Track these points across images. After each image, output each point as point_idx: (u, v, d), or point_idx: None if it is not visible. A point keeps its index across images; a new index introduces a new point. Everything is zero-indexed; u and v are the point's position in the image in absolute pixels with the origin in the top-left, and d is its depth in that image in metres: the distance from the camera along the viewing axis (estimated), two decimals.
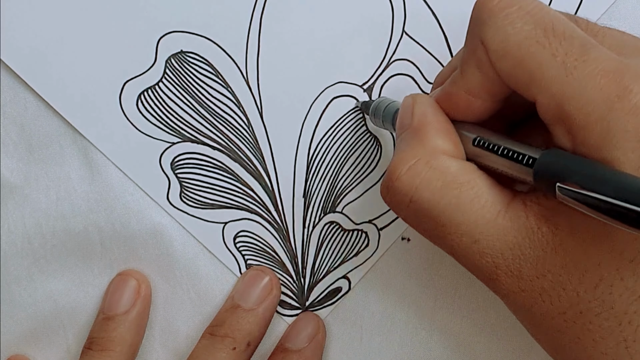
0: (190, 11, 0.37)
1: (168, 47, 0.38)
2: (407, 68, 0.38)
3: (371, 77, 0.38)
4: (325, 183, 0.38)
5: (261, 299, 0.37)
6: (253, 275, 0.38)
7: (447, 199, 0.27)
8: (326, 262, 0.39)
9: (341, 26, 0.37)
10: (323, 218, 0.38)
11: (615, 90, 0.24)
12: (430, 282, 0.38)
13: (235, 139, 0.38)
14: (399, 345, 0.38)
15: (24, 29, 0.38)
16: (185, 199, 0.38)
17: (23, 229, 0.39)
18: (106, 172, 0.38)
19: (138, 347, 0.38)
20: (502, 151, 0.28)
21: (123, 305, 0.38)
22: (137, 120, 0.38)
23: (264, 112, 0.38)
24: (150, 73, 0.38)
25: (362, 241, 0.38)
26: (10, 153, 0.38)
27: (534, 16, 0.26)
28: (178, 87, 0.38)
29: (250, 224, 0.39)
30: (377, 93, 0.38)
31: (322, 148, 0.38)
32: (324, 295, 0.39)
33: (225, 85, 0.38)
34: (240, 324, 0.37)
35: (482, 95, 0.28)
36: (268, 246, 0.39)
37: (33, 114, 0.38)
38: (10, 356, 0.39)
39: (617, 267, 0.25)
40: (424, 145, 0.29)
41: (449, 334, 0.38)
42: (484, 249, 0.27)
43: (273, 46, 0.37)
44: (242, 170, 0.38)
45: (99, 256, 0.39)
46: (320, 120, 0.38)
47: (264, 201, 0.38)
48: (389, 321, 0.38)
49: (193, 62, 0.38)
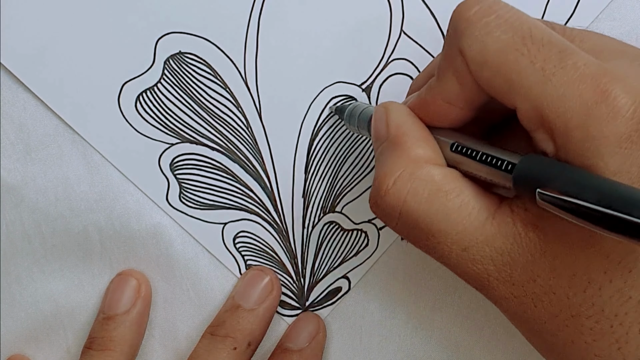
0: (189, 12, 0.37)
1: (166, 48, 0.38)
2: (406, 67, 0.38)
3: (369, 76, 0.38)
4: (325, 183, 0.38)
5: (261, 299, 0.37)
6: (253, 276, 0.38)
7: (434, 208, 0.28)
8: (326, 262, 0.39)
9: (339, 26, 0.37)
10: (322, 218, 0.38)
11: (593, 95, 0.24)
12: (430, 282, 0.38)
13: (234, 140, 0.38)
14: (399, 345, 0.38)
15: (22, 30, 0.38)
16: (185, 199, 0.38)
17: (22, 229, 0.39)
18: (105, 172, 0.38)
19: (138, 347, 0.38)
20: (480, 157, 0.28)
21: (123, 305, 0.38)
22: (136, 121, 0.38)
23: (262, 112, 0.38)
24: (148, 74, 0.38)
25: (362, 241, 0.38)
26: (9, 153, 0.38)
27: (511, 24, 0.26)
28: (177, 88, 0.38)
29: (250, 224, 0.39)
30: (376, 92, 0.38)
31: (321, 148, 0.38)
32: (324, 295, 0.39)
33: (223, 86, 0.38)
34: (241, 324, 0.37)
35: (459, 104, 0.28)
36: (268, 246, 0.39)
37: (32, 115, 0.38)
38: (10, 356, 0.39)
39: (605, 269, 0.25)
40: (405, 155, 0.29)
41: (448, 334, 0.38)
42: (474, 256, 0.27)
43: (271, 46, 0.37)
44: (242, 170, 0.38)
45: (98, 256, 0.39)
46: (319, 120, 0.38)
47: (263, 201, 0.38)
48: (389, 321, 0.38)
49: (191, 63, 0.38)
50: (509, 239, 0.27)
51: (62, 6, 0.37)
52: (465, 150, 0.28)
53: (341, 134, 0.38)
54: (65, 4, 0.38)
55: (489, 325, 0.37)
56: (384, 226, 0.38)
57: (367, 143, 0.38)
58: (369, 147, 0.38)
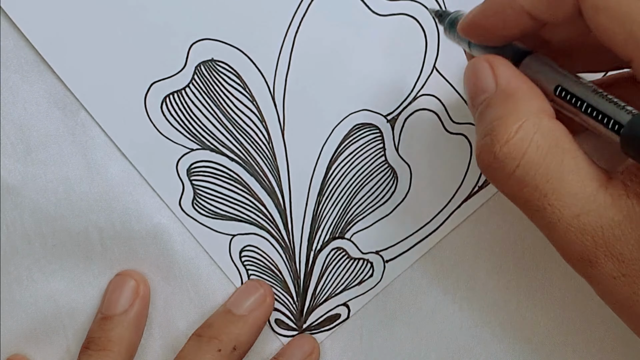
0: (227, 21, 0.37)
1: (200, 53, 0.38)
2: (433, 104, 0.38)
3: (396, 108, 0.38)
4: (337, 208, 0.38)
5: (252, 308, 0.37)
6: (249, 286, 0.38)
7: (552, 165, 0.26)
8: (328, 287, 0.39)
9: (373, 55, 0.37)
10: (331, 243, 0.38)
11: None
12: (430, 282, 0.38)
13: (254, 153, 0.38)
14: (399, 345, 0.38)
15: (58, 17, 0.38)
16: (197, 206, 0.38)
17: (22, 229, 0.39)
18: (105, 172, 0.38)
19: (136, 347, 0.38)
20: (586, 109, 0.26)
21: (121, 305, 0.38)
22: (160, 122, 0.38)
23: (285, 129, 0.38)
24: (178, 77, 0.38)
25: (367, 271, 0.38)
26: (9, 153, 0.38)
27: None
28: (204, 94, 0.38)
29: (258, 239, 0.38)
30: (400, 125, 0.38)
31: (338, 173, 0.38)
32: (322, 320, 0.39)
33: (251, 98, 0.38)
34: (228, 328, 0.37)
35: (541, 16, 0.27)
36: (273, 264, 0.39)
37: (32, 115, 0.38)
38: (10, 356, 0.39)
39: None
40: (525, 106, 0.27)
41: (449, 334, 0.38)
42: (585, 225, 0.26)
43: (303, 66, 0.38)
44: (257, 185, 0.38)
45: (99, 256, 0.39)
46: (341, 145, 0.38)
47: (275, 219, 0.38)
48: (389, 321, 0.38)
49: (222, 71, 0.38)
50: (622, 211, 0.25)
51: (102, 0, 0.38)
52: (570, 97, 0.26)
53: (360, 162, 0.38)
54: None
55: (489, 326, 0.37)
56: (390, 259, 0.38)
57: (385, 174, 0.38)
58: (386, 178, 0.38)
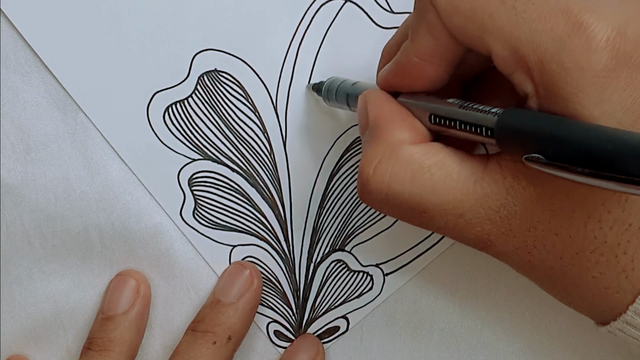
0: (231, 32, 0.38)
1: (203, 63, 0.38)
2: None
3: None
4: (338, 221, 0.38)
5: (241, 293, 0.37)
6: (233, 270, 0.38)
7: (419, 186, 0.28)
8: (328, 299, 0.39)
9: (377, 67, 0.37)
10: (331, 255, 0.38)
11: (566, 27, 0.24)
12: (429, 282, 0.38)
13: (256, 164, 0.38)
14: (399, 345, 0.38)
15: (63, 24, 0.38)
16: (198, 216, 0.38)
17: (22, 229, 0.39)
18: (105, 172, 0.38)
19: (138, 347, 0.38)
20: (459, 125, 0.28)
21: (122, 305, 0.38)
22: (162, 131, 0.38)
23: (287, 141, 0.38)
24: (181, 87, 0.38)
25: (367, 284, 0.38)
26: (9, 153, 0.38)
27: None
28: (207, 104, 0.38)
29: (258, 250, 0.39)
30: None
31: (339, 185, 0.38)
32: (321, 332, 0.39)
33: (253, 109, 0.38)
34: (220, 319, 0.37)
35: (434, 60, 0.28)
36: (272, 275, 0.39)
37: (32, 115, 0.38)
38: (10, 356, 0.39)
39: (602, 201, 0.26)
40: (383, 140, 0.29)
41: (449, 333, 0.38)
42: (471, 220, 0.28)
43: (306, 79, 0.38)
44: (258, 196, 0.38)
45: (99, 256, 0.39)
46: (342, 158, 0.38)
47: (275, 230, 0.38)
48: (389, 321, 0.38)
49: (225, 82, 0.38)
50: (502, 193, 0.27)
51: (107, 8, 0.38)
52: (443, 121, 0.28)
53: None
54: (110, 6, 0.38)
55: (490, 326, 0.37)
56: (390, 272, 0.38)
57: None
58: None
